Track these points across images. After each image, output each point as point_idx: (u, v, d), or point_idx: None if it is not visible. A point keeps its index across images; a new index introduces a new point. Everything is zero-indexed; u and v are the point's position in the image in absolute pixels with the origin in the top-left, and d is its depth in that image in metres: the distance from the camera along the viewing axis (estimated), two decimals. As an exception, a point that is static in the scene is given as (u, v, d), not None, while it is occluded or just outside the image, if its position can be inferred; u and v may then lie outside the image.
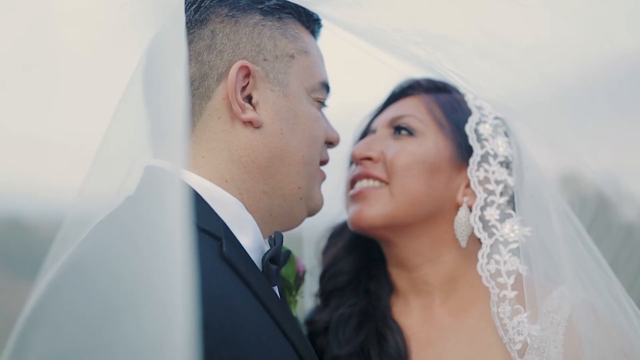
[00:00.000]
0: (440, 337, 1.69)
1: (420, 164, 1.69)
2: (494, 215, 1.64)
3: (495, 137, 1.70)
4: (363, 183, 1.75)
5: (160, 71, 1.29)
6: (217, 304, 1.15)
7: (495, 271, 1.63)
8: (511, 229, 1.61)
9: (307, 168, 1.50)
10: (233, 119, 1.42)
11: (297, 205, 1.52)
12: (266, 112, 1.44)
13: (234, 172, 1.42)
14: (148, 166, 1.41)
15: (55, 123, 1.87)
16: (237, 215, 1.40)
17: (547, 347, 1.53)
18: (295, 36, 1.51)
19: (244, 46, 1.44)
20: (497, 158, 1.69)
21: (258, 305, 1.29)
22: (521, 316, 1.56)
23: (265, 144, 1.44)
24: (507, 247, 1.62)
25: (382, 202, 1.69)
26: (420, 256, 1.73)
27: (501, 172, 1.67)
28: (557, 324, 1.54)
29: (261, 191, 1.46)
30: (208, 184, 1.39)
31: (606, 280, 1.64)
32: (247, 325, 1.21)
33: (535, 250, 1.59)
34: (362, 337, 1.72)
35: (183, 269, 0.90)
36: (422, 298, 1.76)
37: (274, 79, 1.46)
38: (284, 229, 1.58)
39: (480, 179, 1.67)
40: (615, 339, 1.52)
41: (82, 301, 0.99)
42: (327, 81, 1.58)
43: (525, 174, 1.70)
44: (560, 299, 1.57)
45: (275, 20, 1.49)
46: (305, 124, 1.49)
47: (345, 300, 1.83)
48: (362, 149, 1.77)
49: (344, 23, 1.57)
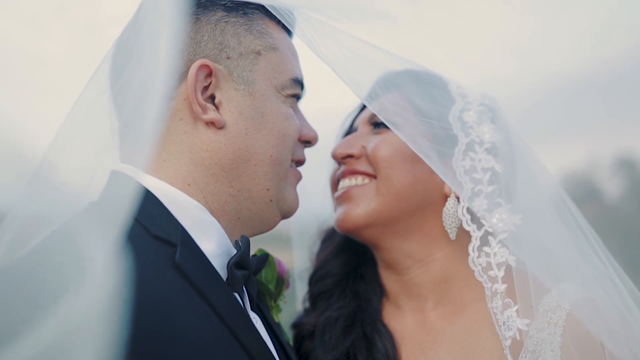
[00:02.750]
0: (432, 342, 1.63)
1: (401, 154, 1.63)
2: (482, 206, 1.55)
3: (481, 124, 1.63)
4: (346, 182, 1.71)
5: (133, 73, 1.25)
6: (152, 314, 1.12)
7: (487, 264, 1.55)
8: (500, 218, 1.53)
9: (276, 168, 1.46)
10: (195, 120, 1.39)
11: (267, 207, 1.47)
12: (230, 112, 1.41)
13: (196, 175, 1.39)
14: (113, 170, 1.37)
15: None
16: (199, 220, 1.36)
17: (543, 350, 1.45)
18: (262, 32, 1.47)
19: (206, 44, 1.41)
20: (483, 145, 1.61)
21: (210, 314, 1.24)
22: (511, 310, 1.48)
23: (228, 145, 1.40)
24: (496, 238, 1.53)
25: (366, 200, 1.64)
26: (410, 257, 1.67)
27: (488, 160, 1.59)
28: (554, 324, 1.46)
29: (227, 194, 1.42)
30: (168, 188, 1.36)
31: (608, 272, 1.55)
32: (191, 334, 1.17)
33: (527, 240, 1.50)
34: (348, 342, 1.66)
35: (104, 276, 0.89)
36: (414, 301, 1.70)
37: (239, 77, 1.42)
38: (256, 232, 1.53)
39: (466, 169, 1.59)
40: (620, 339, 1.43)
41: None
42: (300, 77, 1.53)
43: (518, 159, 1.63)
44: (559, 297, 1.49)
45: (240, 16, 1.45)
46: (274, 122, 1.45)
47: (333, 302, 1.78)
48: (343, 147, 1.74)
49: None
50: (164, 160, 1.38)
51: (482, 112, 1.65)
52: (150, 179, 1.35)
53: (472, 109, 1.65)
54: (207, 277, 1.29)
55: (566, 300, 1.48)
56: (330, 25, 1.52)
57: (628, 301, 1.53)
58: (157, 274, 1.19)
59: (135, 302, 1.09)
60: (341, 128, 1.89)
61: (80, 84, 1.62)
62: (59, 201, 1.26)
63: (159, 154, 1.38)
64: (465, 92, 1.69)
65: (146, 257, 1.20)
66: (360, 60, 1.55)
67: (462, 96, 1.68)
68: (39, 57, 1.32)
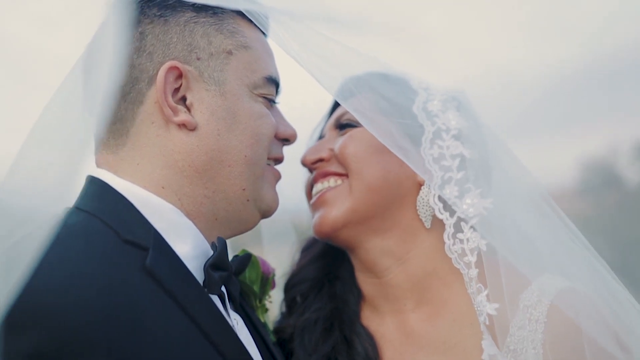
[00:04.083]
0: (413, 346, 1.63)
1: (368, 147, 1.65)
2: (453, 193, 1.56)
3: (446, 112, 1.64)
4: (319, 186, 1.72)
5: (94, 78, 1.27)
6: (119, 319, 1.13)
7: (462, 251, 1.55)
8: (470, 203, 1.53)
9: (251, 168, 1.45)
10: (167, 122, 1.39)
11: (244, 207, 1.47)
12: (201, 113, 1.40)
13: (170, 177, 1.39)
14: (89, 176, 1.40)
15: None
16: (173, 223, 1.36)
17: (524, 348, 1.42)
18: (232, 31, 1.46)
19: (175, 46, 1.40)
20: (449, 132, 1.62)
21: (182, 317, 1.24)
22: (482, 295, 1.47)
23: (201, 146, 1.39)
24: (468, 224, 1.53)
25: (341, 201, 1.65)
26: (389, 256, 1.66)
27: (456, 146, 1.60)
28: (535, 320, 1.44)
29: (202, 195, 1.41)
30: (142, 192, 1.36)
31: (589, 258, 1.53)
32: (161, 338, 1.18)
33: (499, 224, 1.50)
34: (329, 346, 1.67)
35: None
36: (393, 304, 1.69)
37: (209, 78, 1.41)
38: (236, 232, 1.53)
39: (435, 157, 1.59)
40: (605, 326, 1.40)
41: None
42: (274, 75, 1.52)
43: (489, 146, 1.63)
44: (539, 291, 1.46)
45: (210, 16, 1.44)
46: (247, 122, 1.44)
47: (309, 304, 1.79)
48: (311, 153, 1.76)
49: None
50: (137, 164, 1.39)
51: (446, 101, 1.66)
52: (124, 183, 1.36)
53: (436, 99, 1.66)
54: (180, 280, 1.29)
55: (547, 295, 1.45)
56: (302, 25, 1.53)
57: (612, 286, 1.51)
58: (125, 278, 1.20)
59: (101, 308, 1.10)
60: (310, 140, 1.90)
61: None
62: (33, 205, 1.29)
63: (131, 158, 1.39)
64: (427, 85, 1.70)
65: (114, 262, 1.21)
66: (331, 61, 1.56)
67: (424, 89, 1.69)
68: (55, 58, 1.35)
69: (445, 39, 1.91)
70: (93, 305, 1.10)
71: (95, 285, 1.13)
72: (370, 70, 1.70)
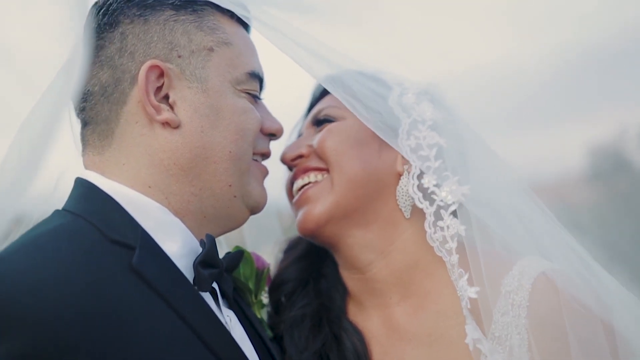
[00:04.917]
0: (399, 340, 1.64)
1: (346, 140, 1.67)
2: (431, 182, 1.59)
3: (420, 104, 1.67)
4: (299, 182, 1.74)
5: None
6: (105, 319, 1.14)
7: (443, 238, 1.58)
8: (449, 190, 1.56)
9: (236, 164, 1.46)
10: (151, 121, 1.40)
11: (231, 204, 1.48)
12: (184, 111, 1.41)
13: (156, 176, 1.40)
14: (77, 178, 1.42)
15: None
16: (161, 221, 1.37)
17: (509, 334, 1.43)
18: (213, 28, 1.47)
19: (155, 45, 1.42)
20: (425, 123, 1.65)
21: (171, 315, 1.25)
22: (463, 279, 1.50)
23: (185, 144, 1.41)
24: (447, 211, 1.56)
25: (323, 196, 1.66)
26: (372, 250, 1.68)
27: (432, 136, 1.63)
28: (517, 305, 1.44)
29: (189, 193, 1.42)
30: (129, 192, 1.38)
31: (562, 236, 1.56)
32: (149, 337, 1.19)
33: (477, 209, 1.53)
34: (319, 343, 1.69)
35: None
36: (377, 298, 1.70)
37: (191, 75, 1.43)
38: (225, 229, 1.54)
39: (412, 147, 1.63)
40: (584, 307, 1.41)
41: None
42: (257, 70, 1.53)
43: (465, 137, 1.66)
44: (520, 275, 1.47)
45: (189, 13, 1.46)
46: (230, 118, 1.45)
47: (295, 302, 1.80)
48: (290, 150, 1.77)
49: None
50: (123, 165, 1.40)
51: (420, 94, 1.70)
52: (110, 184, 1.38)
53: (410, 93, 1.69)
54: (169, 278, 1.30)
55: (527, 278, 1.46)
56: (283, 21, 1.54)
57: (593, 267, 1.52)
58: (110, 278, 1.20)
59: (83, 308, 1.11)
60: (289, 139, 1.91)
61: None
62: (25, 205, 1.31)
63: (117, 159, 1.40)
64: (401, 81, 1.73)
65: (99, 262, 1.21)
66: (312, 57, 1.58)
67: (398, 84, 1.72)
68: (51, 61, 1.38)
69: (443, 31, 1.91)
70: (74, 306, 1.10)
71: (77, 285, 1.13)
72: (345, 68, 1.73)
